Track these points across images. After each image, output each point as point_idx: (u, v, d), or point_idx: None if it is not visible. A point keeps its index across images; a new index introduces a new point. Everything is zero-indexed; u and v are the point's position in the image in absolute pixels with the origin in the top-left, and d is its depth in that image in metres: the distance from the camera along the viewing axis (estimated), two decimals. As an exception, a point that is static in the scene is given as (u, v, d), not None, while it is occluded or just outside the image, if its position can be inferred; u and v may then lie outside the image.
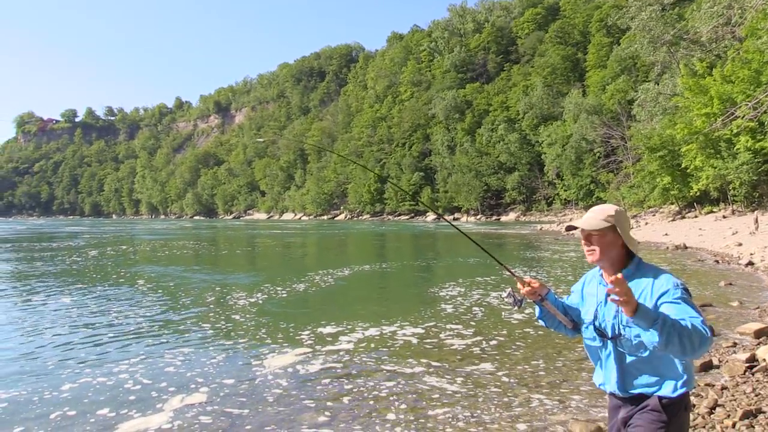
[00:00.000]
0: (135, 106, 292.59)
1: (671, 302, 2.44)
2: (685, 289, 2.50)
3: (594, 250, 2.71)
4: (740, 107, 31.29)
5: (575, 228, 2.79)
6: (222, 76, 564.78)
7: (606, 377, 2.77)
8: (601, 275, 2.80)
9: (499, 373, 6.89)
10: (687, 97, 38.93)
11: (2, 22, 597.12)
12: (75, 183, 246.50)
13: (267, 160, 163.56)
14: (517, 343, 8.39)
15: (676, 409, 2.57)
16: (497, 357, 7.65)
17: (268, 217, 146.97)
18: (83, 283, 16.33)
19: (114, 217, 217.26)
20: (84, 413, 5.67)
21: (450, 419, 5.42)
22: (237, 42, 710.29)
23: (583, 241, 2.75)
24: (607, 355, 2.75)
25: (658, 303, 2.48)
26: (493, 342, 8.52)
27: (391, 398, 6.07)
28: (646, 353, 2.58)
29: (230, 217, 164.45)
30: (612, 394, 2.79)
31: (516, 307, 2.93)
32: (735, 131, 33.28)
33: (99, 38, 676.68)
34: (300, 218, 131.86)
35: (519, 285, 2.88)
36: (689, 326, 2.28)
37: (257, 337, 9.22)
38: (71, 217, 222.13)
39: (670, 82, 48.72)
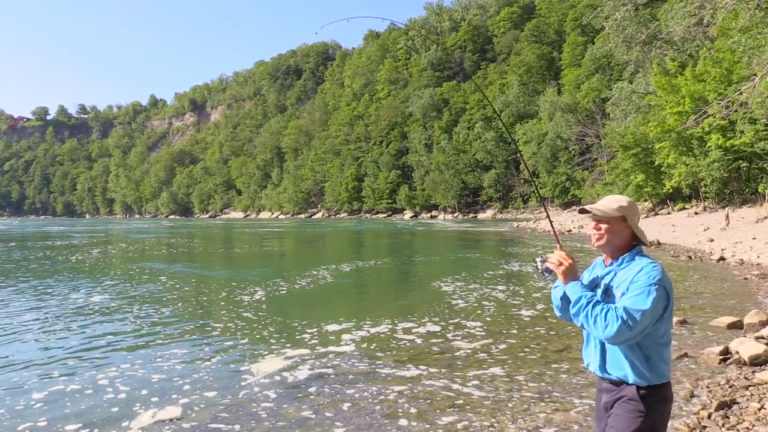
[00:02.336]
0: (108, 104, 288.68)
1: (630, 286, 2.59)
2: (658, 286, 2.55)
3: (602, 235, 2.81)
4: (712, 106, 31.87)
5: (588, 212, 2.87)
6: (197, 73, 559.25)
7: (590, 358, 2.83)
8: (603, 260, 2.88)
9: (518, 377, 6.50)
10: (659, 95, 39.57)
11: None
12: (47, 182, 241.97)
13: (243, 158, 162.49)
14: (531, 346, 7.94)
15: (654, 400, 2.60)
16: (509, 360, 7.22)
17: (245, 216, 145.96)
18: (69, 283, 16.04)
19: (87, 216, 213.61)
20: (50, 428, 5.26)
21: (466, 426, 5.11)
22: (213, 39, 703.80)
23: (593, 225, 2.85)
24: (592, 337, 2.82)
25: (626, 291, 2.61)
26: (503, 345, 8.03)
27: (400, 402, 5.74)
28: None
29: (206, 216, 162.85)
30: (597, 376, 2.85)
31: (544, 276, 2.95)
32: (706, 129, 33.90)
33: (71, 35, 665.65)
34: (277, 217, 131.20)
35: (556, 256, 2.91)
36: (601, 314, 2.55)
37: (252, 338, 8.84)
38: (43, 217, 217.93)
39: (643, 80, 49.42)
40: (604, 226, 2.80)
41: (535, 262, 2.99)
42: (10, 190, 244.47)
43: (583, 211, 2.95)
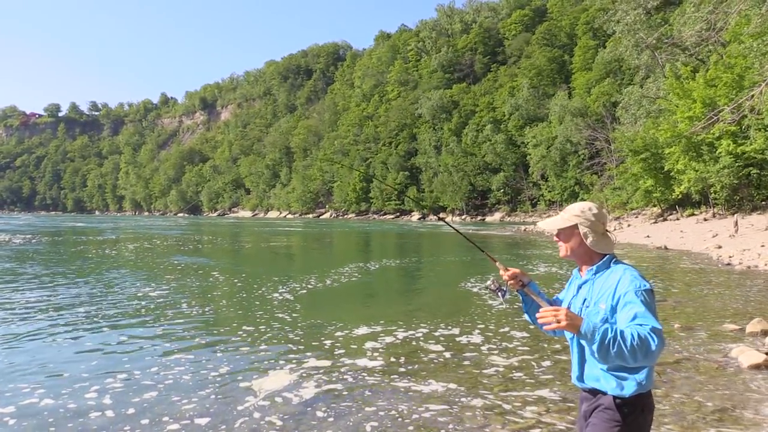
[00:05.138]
0: (120, 102, 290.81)
1: (629, 303, 2.46)
2: (648, 291, 2.49)
3: (560, 246, 2.83)
4: (722, 111, 31.67)
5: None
6: (208, 72, 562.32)
7: (572, 367, 2.80)
8: (579, 268, 2.84)
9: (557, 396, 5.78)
10: (670, 99, 39.37)
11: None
12: (58, 178, 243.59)
13: (252, 157, 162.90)
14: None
15: (631, 410, 2.53)
16: (557, 379, 6.35)
17: (253, 215, 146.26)
18: (71, 280, 16.10)
19: (97, 213, 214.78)
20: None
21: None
22: (223, 38, 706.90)
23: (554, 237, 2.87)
24: (572, 345, 2.77)
25: (616, 304, 2.51)
26: (547, 362, 7.10)
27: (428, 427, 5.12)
28: None
29: (215, 214, 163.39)
30: (576, 386, 2.81)
31: (499, 297, 2.91)
32: (717, 135, 33.68)
33: (84, 32, 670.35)
34: (285, 216, 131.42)
35: (501, 272, 2.91)
36: (634, 336, 2.30)
37: (270, 343, 8.17)
38: (53, 213, 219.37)
39: (653, 85, 49.22)
40: (561, 237, 2.81)
41: (489, 287, 2.96)
42: (22, 185, 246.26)
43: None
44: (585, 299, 2.70)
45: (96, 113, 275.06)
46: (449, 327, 9.25)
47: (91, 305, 11.58)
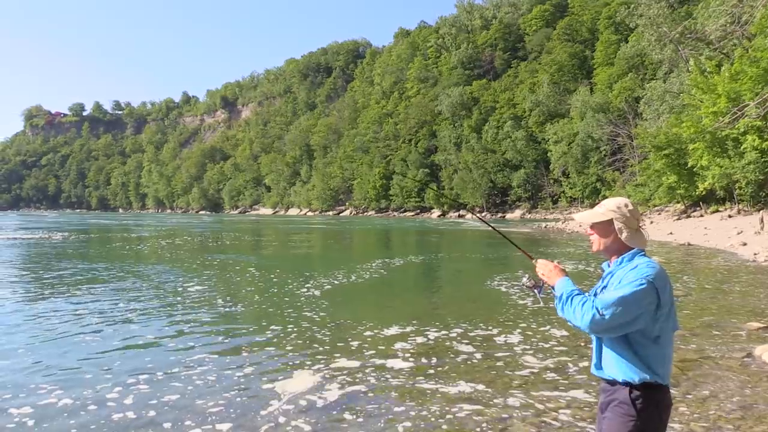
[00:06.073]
0: (142, 101, 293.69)
1: (624, 286, 2.61)
2: (646, 282, 2.57)
3: (593, 240, 2.91)
4: (747, 105, 31.19)
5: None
6: (229, 71, 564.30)
7: (592, 356, 2.88)
8: (608, 262, 2.92)
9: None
10: (694, 94, 38.83)
11: (11, 16, 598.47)
12: (82, 177, 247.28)
13: (273, 155, 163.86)
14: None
15: (646, 404, 2.59)
16: (593, 380, 5.86)
17: (274, 213, 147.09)
18: (93, 281, 16.41)
19: (120, 211, 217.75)
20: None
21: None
22: (243, 37, 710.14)
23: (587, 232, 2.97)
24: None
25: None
26: (584, 362, 6.78)
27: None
28: (615, 336, 2.66)
29: (236, 212, 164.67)
30: (594, 375, 2.89)
31: (536, 293, 3.00)
32: (742, 130, 33.18)
33: (107, 32, 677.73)
34: (306, 214, 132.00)
35: (542, 268, 2.99)
36: (578, 304, 2.64)
37: (295, 344, 7.98)
38: (78, 210, 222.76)
39: (677, 80, 48.60)
40: (594, 231, 2.88)
41: (525, 284, 3.06)
42: (47, 183, 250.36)
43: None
44: (604, 288, 2.79)
45: (119, 112, 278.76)
46: (487, 327, 8.98)
47: (125, 302, 11.74)
